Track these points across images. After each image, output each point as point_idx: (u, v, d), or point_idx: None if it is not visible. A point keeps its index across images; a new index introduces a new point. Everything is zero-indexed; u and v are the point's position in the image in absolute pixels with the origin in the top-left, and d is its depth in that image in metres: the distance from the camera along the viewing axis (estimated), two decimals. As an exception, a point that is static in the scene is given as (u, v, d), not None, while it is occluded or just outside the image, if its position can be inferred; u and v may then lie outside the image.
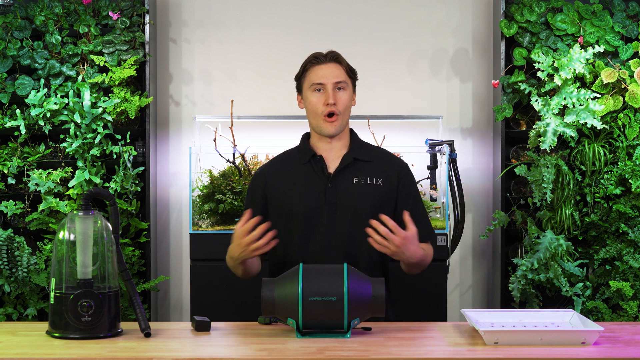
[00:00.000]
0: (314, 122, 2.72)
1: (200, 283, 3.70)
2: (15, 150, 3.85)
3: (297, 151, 2.80)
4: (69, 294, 2.27)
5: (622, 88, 3.71)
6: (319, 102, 2.69)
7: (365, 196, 2.69)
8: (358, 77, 2.79)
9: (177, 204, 4.20)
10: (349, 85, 2.72)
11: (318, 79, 2.69)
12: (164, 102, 4.20)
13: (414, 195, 2.77)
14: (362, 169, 2.72)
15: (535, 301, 3.65)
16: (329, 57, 2.72)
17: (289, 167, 2.76)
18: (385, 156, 2.81)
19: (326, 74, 2.69)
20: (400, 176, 2.76)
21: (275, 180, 2.75)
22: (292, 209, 2.70)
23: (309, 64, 2.73)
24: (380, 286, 2.29)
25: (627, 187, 3.70)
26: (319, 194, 2.68)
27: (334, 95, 2.68)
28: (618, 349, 2.17)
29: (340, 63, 2.72)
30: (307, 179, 2.71)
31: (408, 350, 2.16)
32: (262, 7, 4.21)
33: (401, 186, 2.75)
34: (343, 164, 2.71)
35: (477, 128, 4.20)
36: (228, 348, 2.24)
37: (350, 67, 2.75)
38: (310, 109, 2.71)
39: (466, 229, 4.15)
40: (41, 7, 3.87)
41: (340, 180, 2.70)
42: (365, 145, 2.81)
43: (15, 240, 3.65)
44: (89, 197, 2.35)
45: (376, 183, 2.71)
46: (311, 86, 2.70)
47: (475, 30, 4.20)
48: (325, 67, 2.70)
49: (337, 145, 2.75)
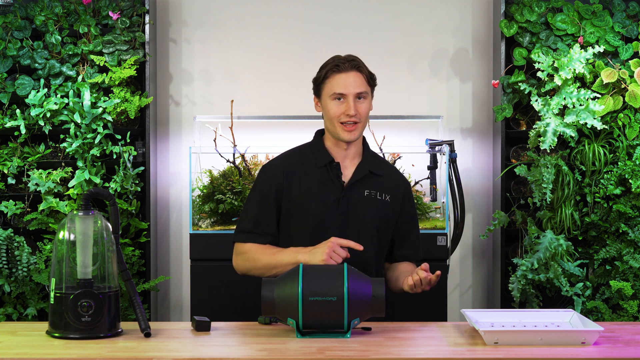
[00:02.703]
0: (332, 127, 2.69)
1: (200, 283, 3.70)
2: (15, 150, 3.85)
3: (311, 151, 2.76)
4: (69, 294, 2.27)
5: (622, 88, 3.71)
6: (338, 111, 2.65)
7: (373, 210, 2.71)
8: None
9: (177, 204, 4.20)
10: (369, 94, 2.70)
11: (340, 89, 2.64)
12: (164, 102, 4.20)
13: (412, 214, 2.84)
14: (374, 183, 2.74)
15: (535, 301, 3.64)
16: (351, 65, 2.66)
17: (306, 167, 2.73)
18: (393, 172, 2.84)
19: (348, 84, 2.64)
20: (405, 195, 2.81)
21: (294, 177, 2.71)
22: (305, 211, 2.69)
23: (330, 71, 2.67)
24: (380, 286, 2.29)
25: (627, 187, 3.70)
26: (332, 202, 2.68)
27: (355, 106, 2.64)
28: (618, 349, 2.17)
29: (362, 72, 2.67)
30: (322, 184, 2.70)
31: (408, 350, 2.16)
32: (262, 7, 4.21)
33: (405, 204, 2.80)
34: (358, 176, 2.72)
35: (477, 128, 4.20)
36: (228, 348, 2.24)
37: (371, 74, 2.72)
38: (329, 115, 2.67)
39: (466, 229, 4.15)
40: (41, 7, 3.87)
41: (353, 191, 2.71)
42: (375, 157, 2.82)
43: (15, 240, 3.65)
44: (89, 197, 2.35)
45: (384, 199, 2.73)
46: (332, 94, 2.65)
47: (475, 30, 4.20)
48: (346, 77, 2.65)
49: (352, 152, 2.74)
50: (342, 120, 2.65)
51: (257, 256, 2.65)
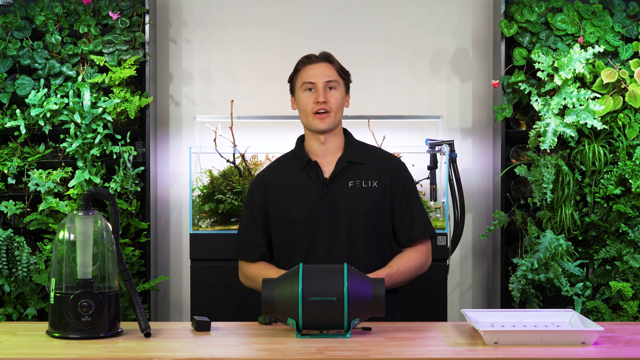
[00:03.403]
0: (305, 120, 2.73)
1: (200, 283, 3.70)
2: (15, 150, 3.85)
3: (292, 156, 2.79)
4: (69, 294, 2.27)
5: (622, 88, 3.71)
6: (309, 100, 2.70)
7: (361, 199, 2.69)
8: (355, 78, 2.80)
9: (177, 204, 4.20)
10: (340, 85, 2.73)
11: (309, 78, 2.70)
12: (164, 102, 4.20)
13: (408, 191, 2.76)
14: (357, 172, 2.72)
15: (535, 301, 3.64)
16: (321, 57, 2.74)
17: (286, 174, 2.76)
18: (379, 156, 2.80)
19: (317, 73, 2.70)
20: (394, 174, 2.75)
21: (274, 188, 2.75)
22: (291, 217, 2.70)
23: (300, 64, 2.75)
24: (380, 286, 2.29)
25: (627, 187, 3.70)
26: (316, 201, 2.69)
27: (325, 94, 2.68)
28: (618, 349, 2.17)
29: (332, 63, 2.73)
30: (304, 185, 2.71)
31: (408, 350, 2.16)
32: (262, 7, 4.21)
33: (395, 184, 2.74)
34: (338, 169, 2.71)
35: (477, 128, 4.20)
36: (228, 348, 2.24)
37: (343, 68, 2.76)
38: (301, 107, 2.72)
39: (466, 229, 4.15)
40: (41, 7, 3.87)
41: (335, 186, 2.70)
42: (360, 146, 2.80)
43: (15, 240, 3.65)
44: (89, 197, 2.35)
45: (371, 185, 2.71)
46: (302, 85, 2.71)
47: (475, 30, 4.20)
48: (316, 67, 2.72)
49: (331, 147, 2.74)
50: (314, 110, 2.68)
51: (257, 279, 2.66)
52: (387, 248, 2.76)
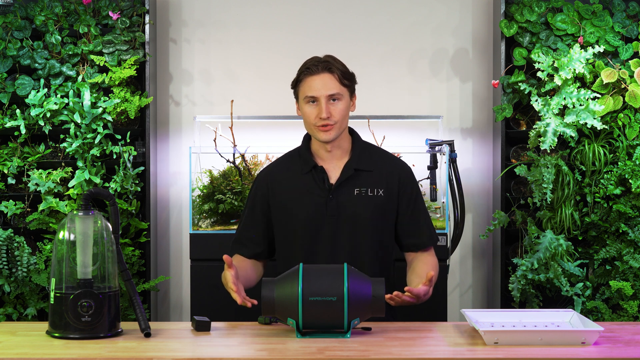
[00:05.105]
0: (310, 131, 2.70)
1: (200, 283, 3.70)
2: (15, 150, 3.85)
3: (299, 157, 2.76)
4: (69, 294, 2.28)
5: (622, 88, 3.71)
6: (312, 114, 2.64)
7: (366, 207, 2.67)
8: (358, 79, 2.75)
9: (177, 204, 4.20)
10: (344, 94, 2.65)
11: (311, 92, 2.63)
12: (164, 102, 4.20)
13: (415, 198, 2.75)
14: (364, 180, 2.69)
15: (535, 301, 3.65)
16: (322, 67, 2.63)
17: (291, 174, 2.73)
18: (386, 162, 2.76)
19: (319, 87, 2.62)
20: (402, 181, 2.73)
21: (278, 187, 2.73)
22: (293, 220, 2.69)
23: (302, 74, 2.67)
24: (381, 286, 2.29)
25: (627, 187, 3.70)
26: (320, 206, 2.67)
27: (327, 108, 2.62)
28: (618, 349, 2.17)
29: (333, 73, 2.63)
30: (309, 189, 2.69)
31: (408, 350, 2.16)
32: (262, 7, 4.21)
33: (402, 191, 2.73)
34: (344, 176, 2.68)
35: (477, 128, 4.20)
36: (228, 348, 2.24)
37: (346, 74, 2.66)
38: (305, 119, 2.68)
39: (466, 229, 4.15)
40: (41, 7, 3.87)
41: (341, 192, 2.68)
42: (367, 151, 2.76)
43: (15, 240, 3.65)
44: (89, 197, 2.35)
45: (377, 194, 2.69)
46: (304, 98, 2.65)
47: (475, 30, 4.20)
48: (318, 79, 2.63)
49: (338, 152, 2.72)
50: (317, 124, 2.64)
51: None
52: (388, 255, 2.77)
